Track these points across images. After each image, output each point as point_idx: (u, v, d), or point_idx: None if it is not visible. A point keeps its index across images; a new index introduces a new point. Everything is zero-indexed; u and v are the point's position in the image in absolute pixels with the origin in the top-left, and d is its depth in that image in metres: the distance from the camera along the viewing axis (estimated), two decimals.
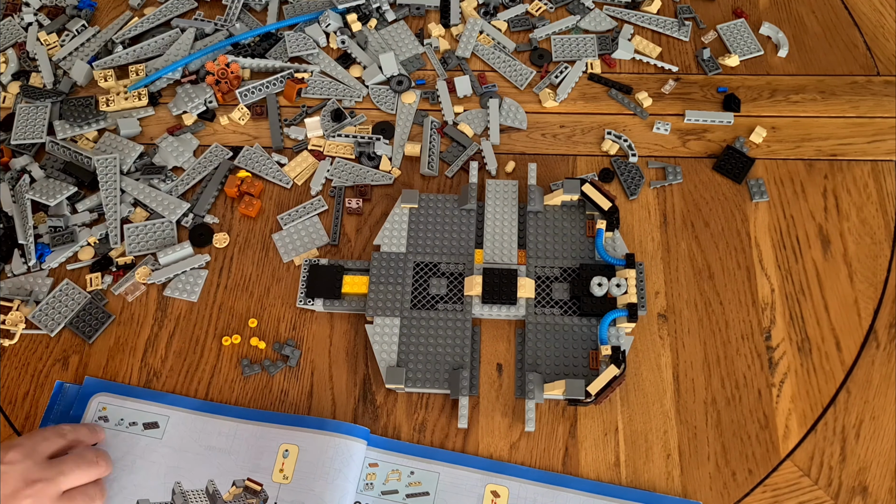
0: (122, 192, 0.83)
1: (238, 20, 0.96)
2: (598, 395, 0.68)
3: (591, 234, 0.78)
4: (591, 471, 0.70)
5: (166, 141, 0.86)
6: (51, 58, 0.94)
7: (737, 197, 0.82)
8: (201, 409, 0.72)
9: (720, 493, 0.69)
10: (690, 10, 0.95)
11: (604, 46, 0.93)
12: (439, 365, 0.72)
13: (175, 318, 0.78)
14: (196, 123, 0.88)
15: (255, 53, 0.93)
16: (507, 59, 0.92)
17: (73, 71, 0.91)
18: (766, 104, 0.88)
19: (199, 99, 0.88)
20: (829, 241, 0.80)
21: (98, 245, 0.81)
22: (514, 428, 0.72)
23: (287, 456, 0.68)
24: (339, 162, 0.85)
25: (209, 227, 0.82)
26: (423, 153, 0.85)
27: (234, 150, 0.87)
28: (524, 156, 0.86)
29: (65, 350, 0.76)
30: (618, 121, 0.88)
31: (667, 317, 0.76)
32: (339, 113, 0.88)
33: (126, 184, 0.83)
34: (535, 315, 0.74)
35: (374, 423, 0.72)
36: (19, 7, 0.98)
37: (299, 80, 0.90)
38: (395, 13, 0.96)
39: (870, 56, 0.92)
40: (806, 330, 0.75)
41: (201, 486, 0.68)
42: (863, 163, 0.84)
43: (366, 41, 0.93)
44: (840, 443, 0.71)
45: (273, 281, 0.79)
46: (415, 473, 0.69)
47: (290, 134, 0.87)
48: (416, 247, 0.78)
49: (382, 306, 0.75)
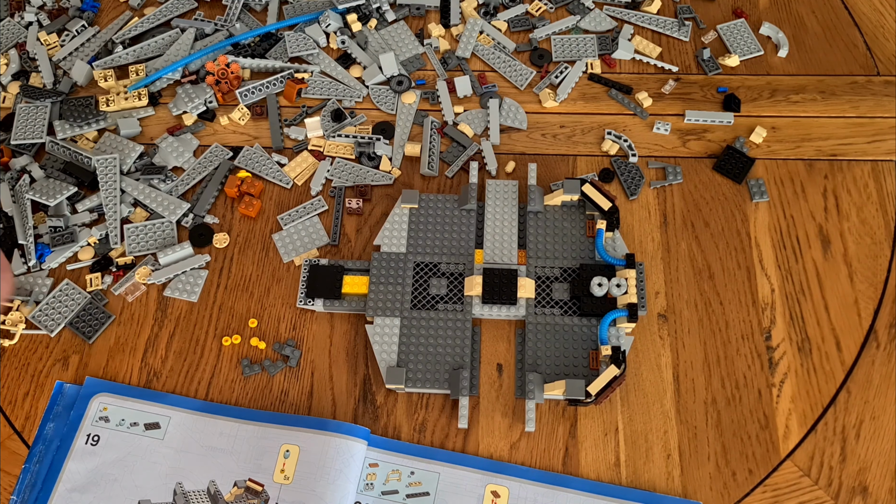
0: (122, 192, 0.83)
1: (238, 20, 0.96)
2: (598, 395, 0.68)
3: (591, 234, 0.78)
4: (591, 471, 0.70)
5: (166, 141, 0.86)
6: (51, 58, 0.93)
7: (737, 197, 0.83)
8: (203, 410, 0.72)
9: (720, 493, 0.69)
10: (690, 10, 0.95)
11: (604, 46, 0.93)
12: (439, 365, 0.73)
13: (175, 319, 0.78)
14: (196, 123, 0.88)
15: (256, 54, 0.93)
16: (507, 59, 0.92)
17: (74, 71, 0.91)
18: (766, 104, 0.88)
19: (199, 99, 0.88)
20: (830, 241, 0.80)
21: (98, 245, 0.81)
22: (514, 428, 0.72)
23: (288, 456, 0.68)
24: (340, 162, 0.85)
25: (209, 228, 0.82)
26: (424, 153, 0.85)
27: (234, 150, 0.87)
28: (524, 156, 0.86)
29: (65, 350, 0.76)
30: (618, 121, 0.88)
31: (667, 317, 0.76)
32: (340, 113, 0.88)
33: (126, 184, 0.83)
34: (535, 315, 0.74)
35: (375, 423, 0.72)
36: (22, 6, 0.98)
37: (299, 80, 0.90)
38: (395, 13, 0.96)
39: (870, 56, 0.92)
40: (806, 330, 0.76)
41: (203, 487, 0.68)
42: (863, 163, 0.84)
43: (366, 41, 0.93)
44: (840, 443, 0.71)
45: (273, 281, 0.79)
46: (415, 473, 0.69)
47: (291, 134, 0.87)
48: (417, 247, 0.78)
49: (382, 306, 0.75)
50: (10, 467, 0.70)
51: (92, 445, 0.70)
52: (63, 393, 0.73)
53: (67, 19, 0.97)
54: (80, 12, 0.97)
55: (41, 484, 0.69)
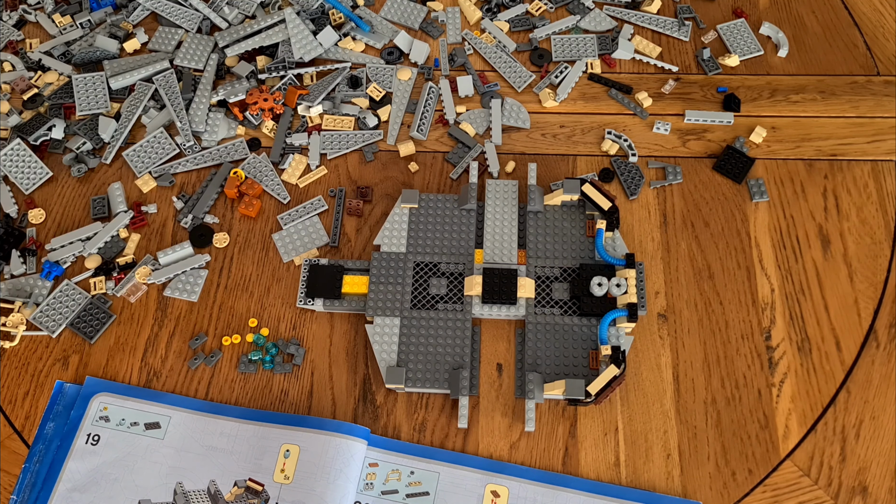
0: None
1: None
2: (598, 395, 0.68)
3: (591, 234, 0.78)
4: (591, 471, 0.70)
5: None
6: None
7: (737, 197, 0.83)
8: (203, 410, 0.72)
9: (720, 493, 0.69)
10: (690, 10, 0.95)
11: (604, 46, 0.93)
12: (439, 365, 0.73)
13: (175, 318, 0.78)
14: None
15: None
16: (508, 59, 0.92)
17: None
18: (766, 104, 0.88)
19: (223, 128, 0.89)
20: (829, 241, 0.80)
21: (104, 249, 0.81)
22: (514, 428, 0.72)
23: (288, 456, 0.68)
24: (332, 134, 0.87)
25: (209, 228, 0.82)
26: (416, 116, 0.86)
27: (251, 144, 0.87)
28: (524, 156, 0.86)
29: (65, 350, 0.76)
30: (618, 121, 0.88)
31: (667, 317, 0.76)
32: (356, 80, 0.90)
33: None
34: (535, 315, 0.74)
35: (374, 423, 0.72)
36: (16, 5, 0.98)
37: (301, 86, 0.90)
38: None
39: (870, 56, 0.92)
40: (806, 330, 0.76)
41: (203, 487, 0.68)
42: (863, 163, 0.84)
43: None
44: (840, 443, 0.71)
45: (273, 281, 0.79)
46: (415, 473, 0.69)
47: (294, 142, 0.87)
48: (416, 247, 0.78)
49: (382, 306, 0.75)
50: (10, 467, 0.70)
51: (92, 445, 0.70)
52: (63, 393, 0.73)
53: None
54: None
55: (41, 483, 0.69)
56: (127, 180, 0.85)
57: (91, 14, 0.96)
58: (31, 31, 0.97)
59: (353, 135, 0.87)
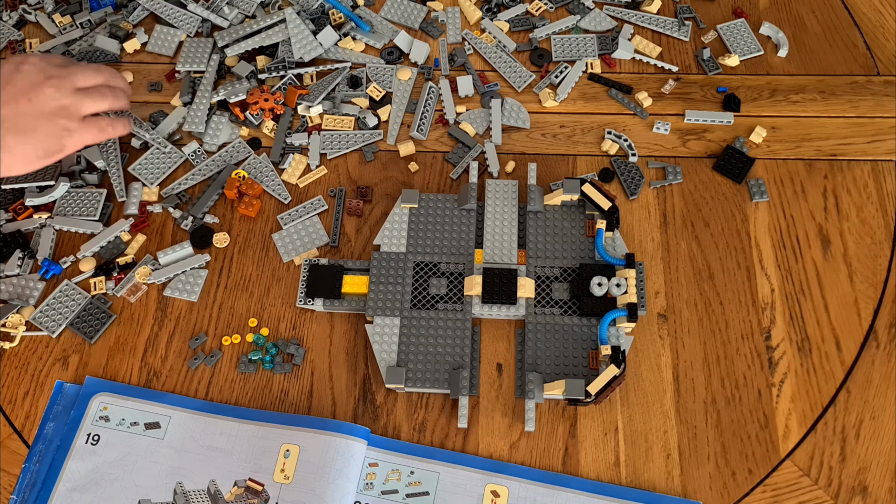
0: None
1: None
2: (598, 394, 0.68)
3: (591, 234, 0.78)
4: (591, 471, 0.70)
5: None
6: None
7: (737, 197, 0.83)
8: (203, 410, 0.72)
9: (720, 492, 0.69)
10: (690, 10, 0.95)
11: (604, 46, 0.93)
12: (439, 365, 0.73)
13: (175, 318, 0.78)
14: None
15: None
16: (508, 59, 0.92)
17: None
18: (766, 104, 0.88)
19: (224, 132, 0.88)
20: (829, 241, 0.80)
21: (104, 250, 0.81)
22: (514, 428, 0.72)
23: (288, 456, 0.68)
24: (332, 134, 0.86)
25: (210, 229, 0.82)
26: (416, 116, 0.86)
27: (251, 143, 0.87)
28: (524, 156, 0.86)
29: (65, 350, 0.76)
30: (618, 121, 0.88)
31: (667, 317, 0.76)
32: (356, 80, 0.89)
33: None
34: (535, 315, 0.75)
35: (374, 422, 0.72)
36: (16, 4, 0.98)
37: (301, 86, 0.90)
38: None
39: (870, 56, 0.92)
40: (806, 330, 0.76)
41: (203, 487, 0.68)
42: (863, 163, 0.84)
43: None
44: (840, 443, 0.71)
45: (273, 281, 0.79)
46: (415, 473, 0.69)
47: (294, 142, 0.87)
48: (416, 247, 0.78)
49: (382, 306, 0.75)
50: (10, 467, 0.70)
51: (92, 445, 0.70)
52: (63, 392, 0.73)
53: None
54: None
55: (41, 483, 0.69)
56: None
57: (91, 14, 0.96)
58: (31, 31, 0.97)
59: (353, 135, 0.87)
